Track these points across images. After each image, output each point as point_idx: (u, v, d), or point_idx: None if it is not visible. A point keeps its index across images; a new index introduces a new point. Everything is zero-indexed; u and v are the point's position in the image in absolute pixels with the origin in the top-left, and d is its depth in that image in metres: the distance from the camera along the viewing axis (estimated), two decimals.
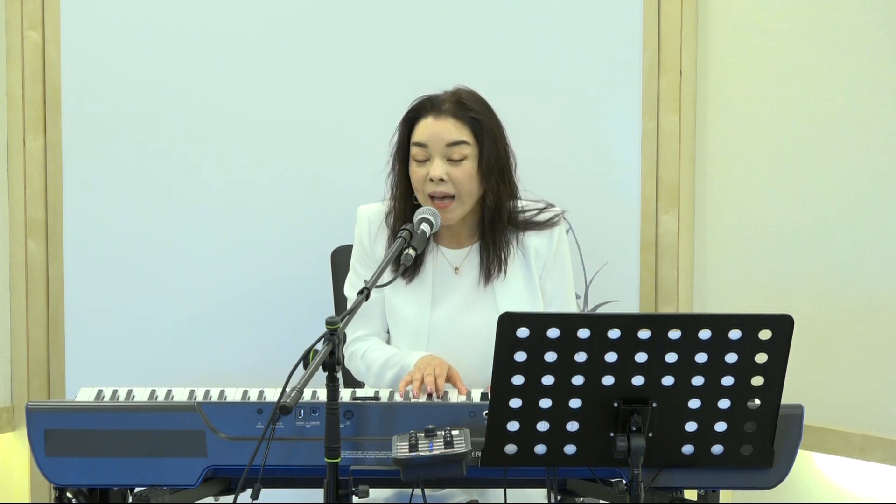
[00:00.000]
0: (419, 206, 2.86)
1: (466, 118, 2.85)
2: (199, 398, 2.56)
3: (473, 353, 2.84)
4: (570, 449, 2.37)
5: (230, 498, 2.41)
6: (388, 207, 2.95)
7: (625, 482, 2.38)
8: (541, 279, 2.94)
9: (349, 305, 2.81)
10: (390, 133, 2.96)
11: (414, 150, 2.86)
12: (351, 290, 2.98)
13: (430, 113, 2.86)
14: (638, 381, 2.32)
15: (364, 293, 2.48)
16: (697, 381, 2.32)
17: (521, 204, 2.95)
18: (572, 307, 3.01)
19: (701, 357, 2.31)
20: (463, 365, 2.80)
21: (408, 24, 3.62)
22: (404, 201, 2.90)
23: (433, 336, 2.89)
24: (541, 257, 2.94)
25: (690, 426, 2.36)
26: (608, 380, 2.32)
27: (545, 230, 2.94)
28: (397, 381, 2.80)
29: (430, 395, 2.63)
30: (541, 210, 2.96)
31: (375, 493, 2.58)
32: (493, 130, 2.87)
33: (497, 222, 2.89)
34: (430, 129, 2.85)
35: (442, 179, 2.82)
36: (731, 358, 2.31)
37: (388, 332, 2.98)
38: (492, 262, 2.90)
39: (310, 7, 3.61)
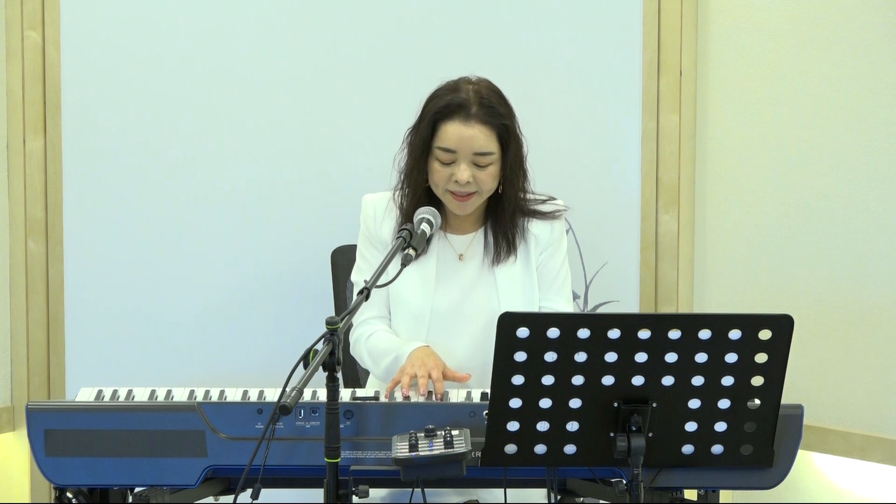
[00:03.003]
0: (430, 191, 2.88)
1: (494, 125, 2.84)
2: (199, 398, 2.56)
3: (471, 336, 2.87)
4: (570, 449, 2.37)
5: (230, 498, 2.40)
6: (396, 191, 2.94)
7: (625, 482, 2.38)
8: (539, 265, 2.95)
9: (355, 290, 2.82)
10: (392, 131, 2.96)
11: (439, 153, 2.85)
12: (358, 276, 2.98)
13: (458, 117, 2.84)
14: (638, 381, 2.32)
15: (364, 293, 2.48)
16: (697, 381, 2.32)
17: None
18: (567, 292, 3.00)
19: (701, 357, 2.31)
20: (460, 348, 2.83)
21: (407, 25, 3.62)
22: (417, 189, 2.90)
23: (434, 321, 2.89)
24: (540, 244, 2.95)
25: (690, 426, 2.36)
26: (608, 380, 2.32)
27: (547, 220, 2.96)
28: (393, 368, 2.81)
29: (430, 395, 2.64)
30: (544, 201, 2.98)
31: (375, 493, 2.57)
32: (516, 130, 2.88)
33: (509, 209, 2.91)
34: (458, 134, 2.83)
35: (468, 182, 2.83)
36: (731, 358, 2.31)
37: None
38: (500, 246, 2.91)
39: (308, 7, 3.61)
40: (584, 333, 2.28)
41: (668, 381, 2.32)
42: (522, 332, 2.28)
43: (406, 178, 2.92)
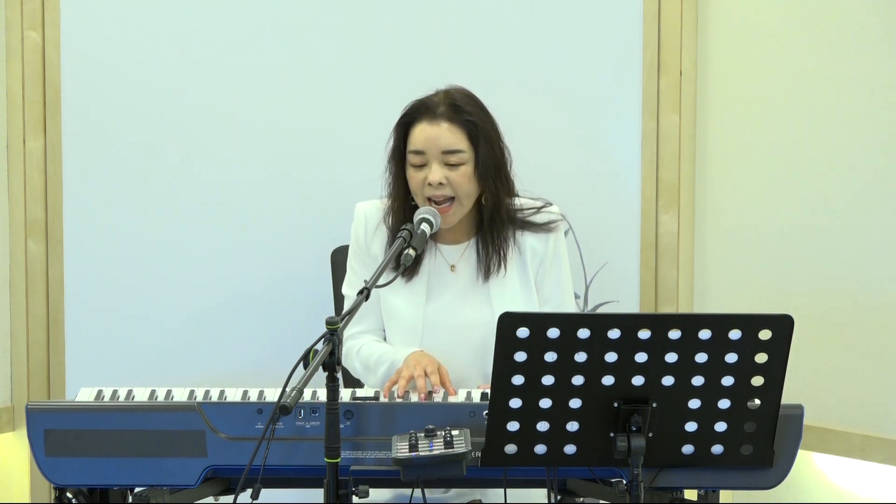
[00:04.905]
0: (416, 206, 2.87)
1: (461, 121, 2.84)
2: (199, 398, 2.56)
3: (466, 350, 2.86)
4: (570, 449, 2.37)
5: (230, 498, 2.41)
6: (386, 207, 2.95)
7: (625, 482, 2.38)
8: (537, 279, 2.94)
9: (346, 305, 2.82)
10: (389, 133, 2.96)
11: (410, 157, 2.86)
12: (349, 289, 2.98)
13: (425, 118, 2.86)
14: (638, 381, 2.32)
15: (364, 293, 2.48)
16: (697, 381, 2.32)
17: (518, 202, 2.95)
18: (570, 309, 3.00)
19: (701, 357, 2.31)
20: (456, 361, 2.82)
21: (406, 25, 3.62)
22: (403, 202, 2.90)
23: (427, 332, 2.89)
24: (537, 256, 2.94)
25: (690, 426, 2.36)
26: (608, 380, 2.32)
27: (542, 233, 2.94)
28: (389, 375, 2.80)
29: (430, 395, 2.64)
30: (539, 209, 2.96)
31: (375, 493, 2.57)
32: (488, 130, 2.87)
33: (496, 219, 2.90)
34: (425, 134, 2.84)
35: (441, 183, 2.82)
36: (731, 358, 2.31)
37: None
38: (491, 259, 2.90)
39: (308, 9, 3.61)
40: (584, 333, 2.28)
41: (668, 381, 2.32)
42: (522, 332, 2.28)
43: (391, 194, 2.92)
